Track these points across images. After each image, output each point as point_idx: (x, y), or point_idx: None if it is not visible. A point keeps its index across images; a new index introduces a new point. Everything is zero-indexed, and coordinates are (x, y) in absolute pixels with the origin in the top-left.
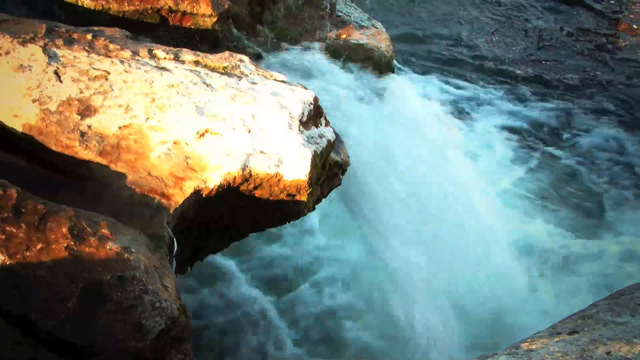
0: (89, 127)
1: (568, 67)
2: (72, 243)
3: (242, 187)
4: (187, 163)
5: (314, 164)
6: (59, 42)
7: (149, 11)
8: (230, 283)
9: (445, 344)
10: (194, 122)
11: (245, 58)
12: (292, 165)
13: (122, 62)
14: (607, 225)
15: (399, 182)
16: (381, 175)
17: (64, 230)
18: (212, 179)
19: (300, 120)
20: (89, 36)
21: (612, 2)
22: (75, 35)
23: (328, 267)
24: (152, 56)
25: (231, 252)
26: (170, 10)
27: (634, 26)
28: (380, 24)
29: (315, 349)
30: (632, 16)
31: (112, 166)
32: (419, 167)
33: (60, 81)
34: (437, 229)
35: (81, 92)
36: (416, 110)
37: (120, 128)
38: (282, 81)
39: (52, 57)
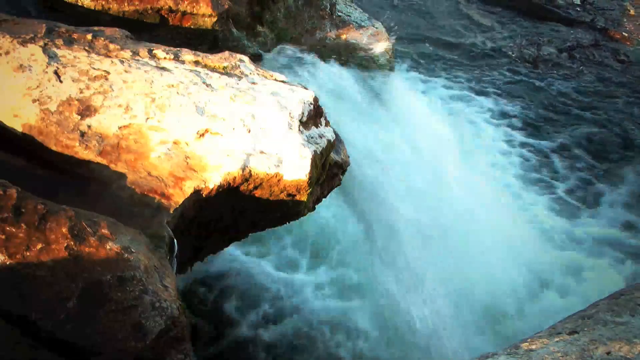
0: (89, 127)
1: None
2: (72, 243)
3: (242, 187)
4: (187, 163)
5: (314, 164)
6: (59, 42)
7: (149, 11)
8: None
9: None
10: (194, 122)
11: (245, 58)
12: (292, 165)
13: (122, 62)
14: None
15: (396, 180)
16: (378, 172)
17: (64, 230)
18: (212, 179)
19: (300, 120)
20: (89, 36)
21: (579, 9)
22: (75, 35)
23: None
24: (152, 56)
25: None
26: (170, 10)
27: (625, 34)
28: (380, 23)
29: None
30: (610, 22)
31: (112, 166)
32: (418, 165)
33: (60, 81)
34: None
35: (81, 92)
36: (415, 109)
37: (120, 128)
38: (282, 81)
39: (52, 57)
